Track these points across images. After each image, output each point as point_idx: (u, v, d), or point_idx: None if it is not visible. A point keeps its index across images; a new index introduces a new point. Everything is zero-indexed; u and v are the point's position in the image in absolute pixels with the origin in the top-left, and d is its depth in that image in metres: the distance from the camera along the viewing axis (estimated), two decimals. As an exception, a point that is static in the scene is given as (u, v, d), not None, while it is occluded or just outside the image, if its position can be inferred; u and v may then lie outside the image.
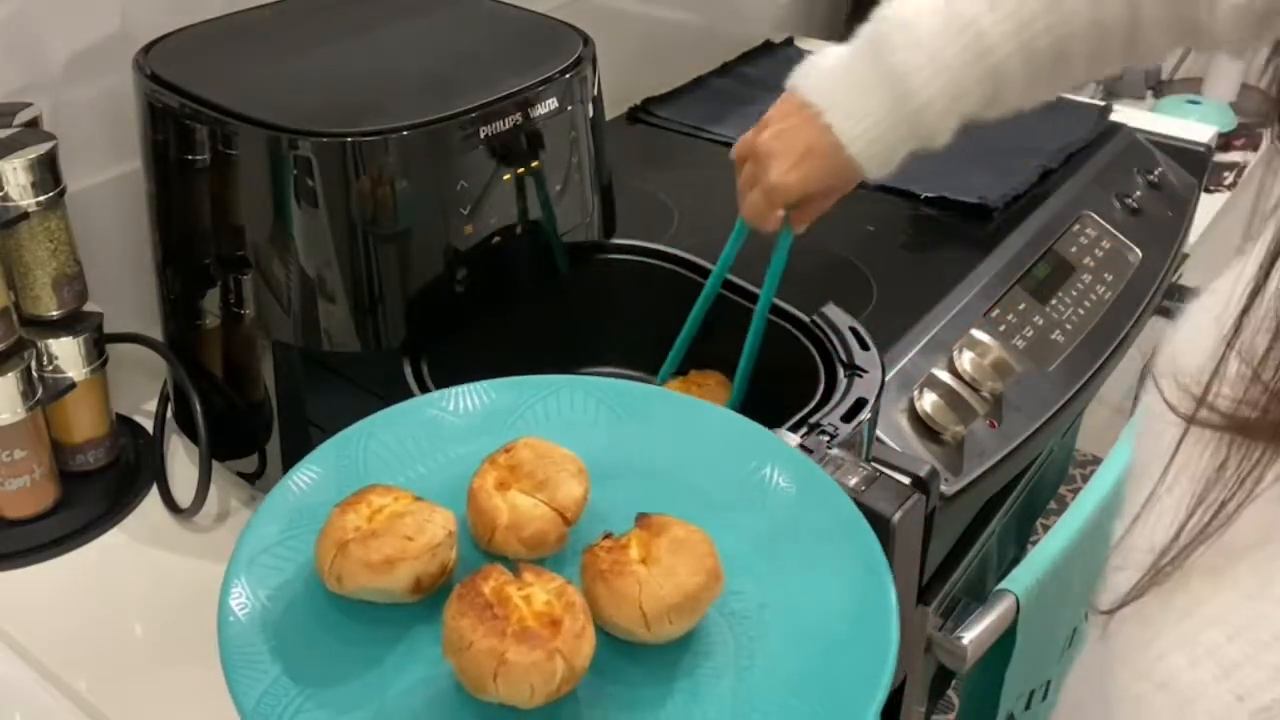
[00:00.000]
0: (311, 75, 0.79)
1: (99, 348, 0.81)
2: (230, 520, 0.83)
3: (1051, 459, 1.06)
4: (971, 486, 0.86)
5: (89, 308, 0.80)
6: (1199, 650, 0.37)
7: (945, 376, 0.89)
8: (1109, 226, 1.13)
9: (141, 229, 0.84)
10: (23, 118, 0.76)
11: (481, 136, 0.73)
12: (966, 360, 0.90)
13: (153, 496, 0.84)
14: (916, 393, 0.87)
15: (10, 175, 0.72)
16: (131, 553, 0.80)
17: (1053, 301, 1.03)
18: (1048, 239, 1.08)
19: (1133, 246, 1.13)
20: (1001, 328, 0.97)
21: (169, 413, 0.88)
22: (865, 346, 0.74)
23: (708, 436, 0.61)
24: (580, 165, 0.81)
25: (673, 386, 0.83)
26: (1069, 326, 1.01)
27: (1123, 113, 1.34)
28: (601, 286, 0.86)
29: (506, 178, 0.76)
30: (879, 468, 0.66)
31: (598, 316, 0.87)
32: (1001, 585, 0.87)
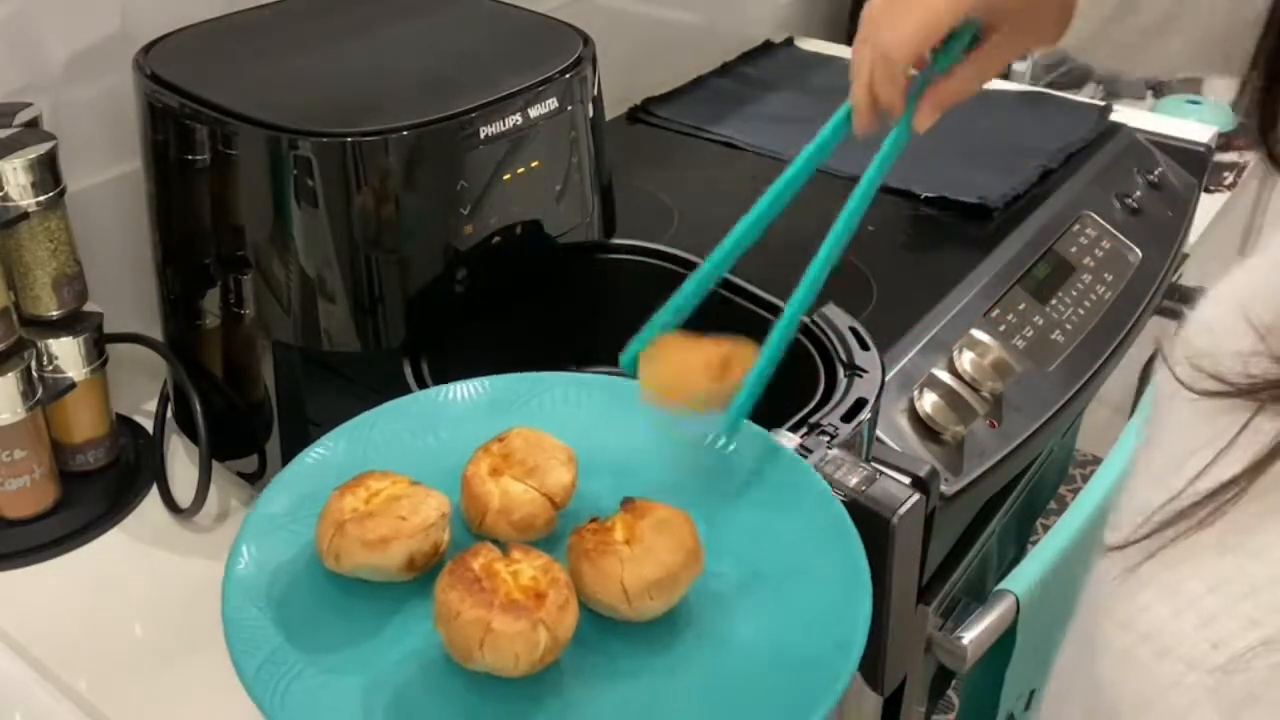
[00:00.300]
0: (311, 75, 0.79)
1: (99, 348, 0.81)
2: (230, 520, 0.83)
3: (1051, 459, 1.06)
4: (971, 486, 0.86)
5: (89, 308, 0.80)
6: (1181, 601, 0.38)
7: (945, 376, 0.89)
8: (1109, 226, 1.13)
9: (141, 229, 0.84)
10: (23, 118, 0.76)
11: (481, 136, 0.73)
12: (966, 360, 0.90)
13: (153, 496, 0.84)
14: (916, 393, 0.87)
15: (10, 175, 0.72)
16: (131, 553, 0.80)
17: (1053, 301, 1.03)
18: (1048, 239, 1.08)
19: (1133, 246, 1.13)
20: (1001, 328, 0.97)
21: (169, 413, 0.88)
22: (865, 346, 0.74)
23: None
24: (580, 165, 0.81)
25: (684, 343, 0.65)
26: (1069, 326, 1.01)
27: (1123, 113, 1.34)
28: (601, 286, 0.86)
29: (506, 178, 0.76)
30: (879, 468, 0.66)
31: (598, 316, 0.87)
32: (1001, 585, 0.87)
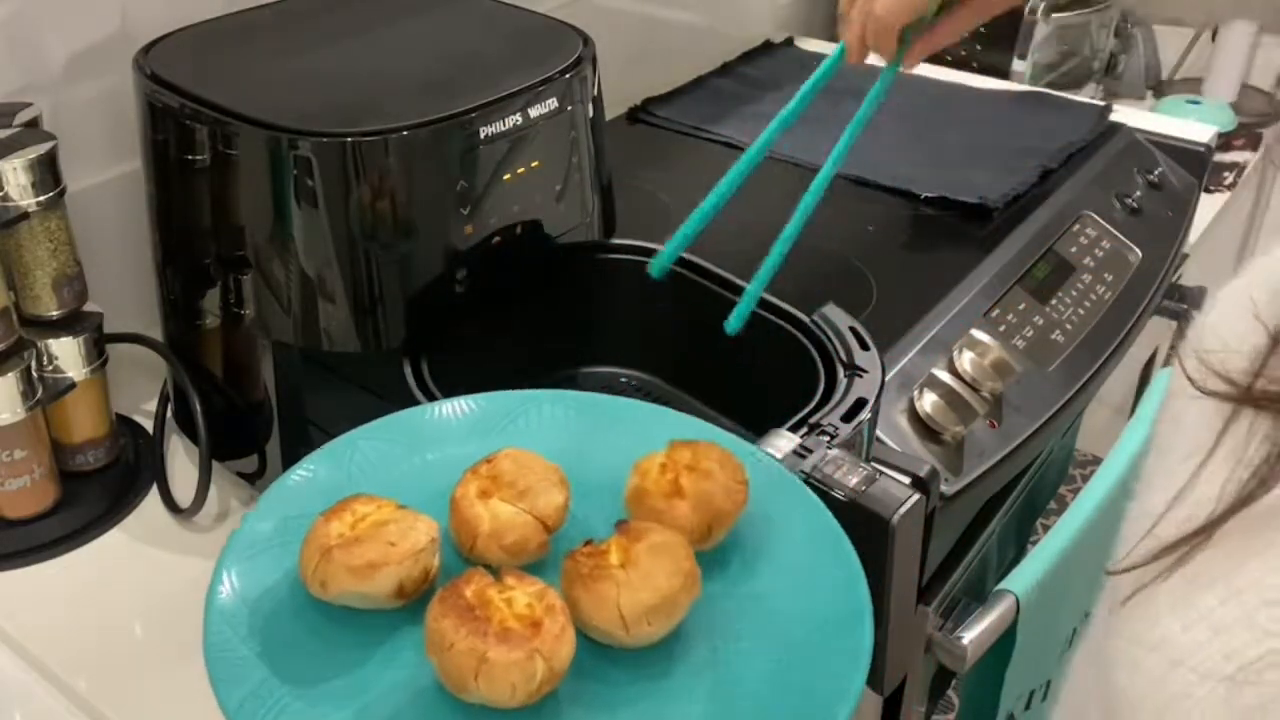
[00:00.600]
0: (311, 75, 0.79)
1: (99, 348, 0.81)
2: (230, 520, 0.83)
3: (1051, 459, 1.06)
4: (971, 486, 0.86)
5: (89, 308, 0.80)
6: (1193, 614, 0.38)
7: (945, 376, 0.89)
8: (1109, 226, 1.13)
9: (141, 229, 0.84)
10: (23, 118, 0.76)
11: (481, 136, 0.73)
12: (966, 360, 0.90)
13: (153, 496, 0.84)
14: (916, 393, 0.87)
15: (10, 175, 0.72)
16: (131, 553, 0.80)
17: (1053, 301, 1.02)
18: (1048, 239, 1.08)
19: (1133, 246, 1.13)
20: (1001, 328, 0.97)
21: (169, 413, 0.88)
22: (865, 346, 0.74)
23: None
24: (580, 165, 0.81)
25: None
26: (1069, 326, 1.01)
27: (1123, 112, 1.34)
28: (601, 286, 0.86)
29: (506, 178, 0.76)
30: (879, 468, 0.66)
31: (598, 316, 0.87)
32: (1001, 585, 0.87)
